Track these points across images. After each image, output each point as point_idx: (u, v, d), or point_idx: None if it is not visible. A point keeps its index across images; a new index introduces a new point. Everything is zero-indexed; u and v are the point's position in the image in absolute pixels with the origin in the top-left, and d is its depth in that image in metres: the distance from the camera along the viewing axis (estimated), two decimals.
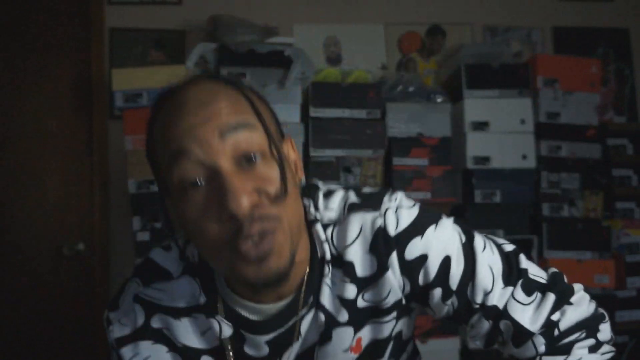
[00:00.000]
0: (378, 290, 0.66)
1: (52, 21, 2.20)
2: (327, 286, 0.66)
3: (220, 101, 0.57)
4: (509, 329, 0.66)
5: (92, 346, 2.14)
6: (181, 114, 0.57)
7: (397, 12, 2.42)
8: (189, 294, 0.67)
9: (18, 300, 2.10)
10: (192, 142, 0.55)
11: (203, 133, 0.55)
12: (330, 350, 0.68)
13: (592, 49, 2.48)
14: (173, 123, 0.57)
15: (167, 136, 0.57)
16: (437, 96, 2.01)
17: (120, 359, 0.69)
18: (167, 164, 0.57)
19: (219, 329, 0.66)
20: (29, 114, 2.15)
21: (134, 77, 1.80)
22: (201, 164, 0.55)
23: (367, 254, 0.65)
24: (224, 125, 0.56)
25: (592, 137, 2.03)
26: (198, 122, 0.56)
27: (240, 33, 1.81)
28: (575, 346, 0.65)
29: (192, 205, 0.56)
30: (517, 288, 0.66)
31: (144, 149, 0.64)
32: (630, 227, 2.09)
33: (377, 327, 0.69)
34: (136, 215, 1.77)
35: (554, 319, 0.65)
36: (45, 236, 2.13)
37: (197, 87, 0.60)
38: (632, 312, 2.07)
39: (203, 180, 0.55)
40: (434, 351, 1.86)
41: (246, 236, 0.54)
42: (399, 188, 1.97)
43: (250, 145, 0.56)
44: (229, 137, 0.55)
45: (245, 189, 0.54)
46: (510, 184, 1.95)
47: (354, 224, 0.65)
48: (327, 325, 0.66)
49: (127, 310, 0.69)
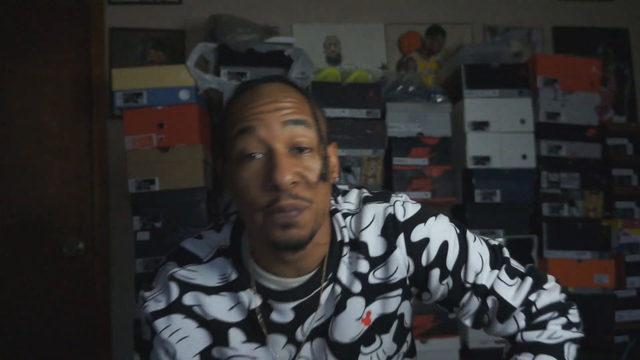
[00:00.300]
0: (387, 268, 0.78)
1: (52, 21, 2.20)
2: (344, 264, 0.78)
3: (288, 98, 0.71)
4: (495, 305, 0.80)
5: (92, 346, 2.15)
6: (255, 102, 0.70)
7: (397, 12, 2.42)
8: (220, 274, 0.78)
9: (18, 300, 2.09)
10: (259, 124, 0.68)
11: (270, 119, 0.69)
12: (344, 318, 0.78)
13: (592, 48, 2.49)
14: (247, 107, 0.70)
15: (240, 116, 0.70)
16: (437, 96, 2.01)
17: (153, 331, 0.77)
18: (234, 136, 0.70)
19: (249, 301, 0.77)
20: (29, 114, 2.15)
21: (134, 77, 1.80)
22: (261, 142, 0.68)
23: (379, 237, 0.78)
24: (287, 117, 0.69)
25: (592, 137, 2.03)
26: (267, 110, 0.69)
27: (240, 33, 1.81)
28: (549, 322, 0.79)
29: (246, 172, 0.69)
30: (502, 271, 0.81)
31: (144, 149, 0.75)
32: (630, 227, 2.09)
33: (385, 303, 0.80)
34: (136, 215, 1.77)
35: (531, 299, 0.80)
36: (45, 236, 2.13)
37: (272, 84, 0.74)
38: (632, 312, 2.07)
39: (260, 155, 0.68)
40: (434, 351, 1.87)
41: (280, 207, 0.67)
42: (399, 188, 1.99)
43: (302, 139, 0.69)
44: (288, 128, 0.69)
45: (290, 169, 0.67)
46: (510, 183, 1.95)
47: (368, 212, 0.79)
48: (342, 295, 0.78)
49: (162, 288, 0.78)
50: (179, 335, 0.76)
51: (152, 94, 1.78)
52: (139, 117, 1.78)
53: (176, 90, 1.79)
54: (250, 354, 0.78)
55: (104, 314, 2.16)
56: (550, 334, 0.78)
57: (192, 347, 0.77)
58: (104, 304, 2.16)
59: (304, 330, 0.79)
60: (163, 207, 1.77)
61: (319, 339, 0.80)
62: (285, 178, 0.65)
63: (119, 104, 1.78)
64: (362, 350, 0.81)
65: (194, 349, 0.77)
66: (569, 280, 1.95)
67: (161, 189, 1.77)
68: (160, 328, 0.76)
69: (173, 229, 1.77)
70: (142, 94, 1.79)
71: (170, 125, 1.78)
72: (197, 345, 0.77)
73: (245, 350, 0.78)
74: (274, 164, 0.66)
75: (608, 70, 2.48)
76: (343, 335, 0.79)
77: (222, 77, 1.82)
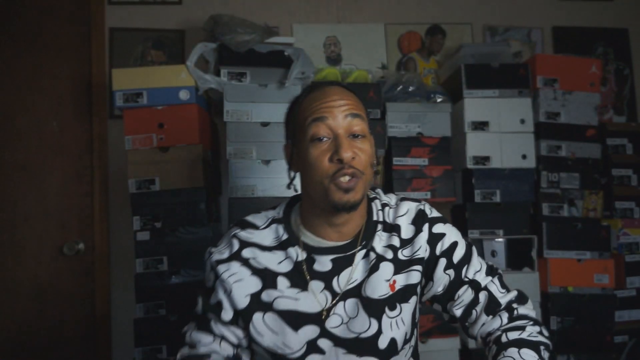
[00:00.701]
0: (413, 247, 1.01)
1: (52, 21, 2.20)
2: (379, 237, 1.01)
3: (350, 98, 0.97)
4: (485, 299, 1.01)
5: (92, 346, 2.15)
6: (326, 98, 0.95)
7: (397, 12, 2.42)
8: (274, 236, 1.02)
9: (18, 299, 2.10)
10: (329, 115, 0.93)
11: (337, 112, 0.94)
12: (376, 278, 0.99)
13: (591, 48, 2.49)
14: (319, 101, 0.95)
15: (313, 108, 0.95)
16: (437, 96, 2.01)
17: (216, 274, 0.99)
18: (308, 124, 0.94)
19: (296, 254, 0.99)
20: (29, 113, 2.15)
21: (134, 77, 1.79)
22: (329, 128, 0.93)
23: (410, 224, 1.03)
24: (349, 112, 0.94)
25: (591, 137, 2.03)
26: (335, 105, 0.94)
27: (240, 33, 1.81)
28: (527, 326, 0.98)
29: (317, 149, 0.93)
30: (495, 279, 1.04)
31: (144, 149, 0.87)
32: (630, 227, 2.09)
33: (408, 275, 1.00)
34: (136, 215, 1.77)
35: (514, 306, 1.01)
36: (45, 236, 2.13)
37: (337, 87, 0.99)
38: (632, 311, 2.07)
39: (326, 138, 0.93)
40: (434, 351, 1.87)
41: (343, 173, 0.91)
42: (399, 188, 1.99)
43: (357, 128, 0.94)
44: (349, 120, 0.94)
45: (350, 148, 0.92)
46: (510, 183, 1.95)
47: (404, 206, 1.05)
48: (376, 260, 1.00)
49: (226, 244, 1.02)
50: (236, 277, 0.98)
51: (152, 94, 1.79)
52: (139, 117, 1.79)
53: (176, 90, 1.79)
54: (294, 296, 0.98)
55: (104, 314, 2.16)
56: (528, 334, 0.97)
57: (245, 288, 0.98)
58: (104, 304, 2.16)
59: (339, 281, 0.99)
60: (163, 207, 1.77)
61: (352, 299, 0.98)
62: (347, 154, 0.91)
63: (119, 104, 1.78)
64: (387, 312, 0.98)
65: (247, 291, 0.98)
66: (569, 280, 1.95)
67: (161, 189, 1.77)
68: (222, 271, 0.98)
69: (173, 229, 1.77)
70: (142, 94, 1.79)
71: (170, 125, 1.78)
72: (249, 288, 0.98)
73: (290, 293, 0.98)
74: (339, 144, 0.91)
75: (608, 70, 2.49)
76: (373, 292, 0.98)
77: (222, 77, 1.82)
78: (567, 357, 1.94)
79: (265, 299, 0.98)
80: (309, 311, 0.98)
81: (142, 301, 1.75)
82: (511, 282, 1.88)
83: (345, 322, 0.98)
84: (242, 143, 1.81)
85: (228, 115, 1.81)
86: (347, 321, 0.98)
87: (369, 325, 0.98)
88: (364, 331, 0.98)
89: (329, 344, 0.97)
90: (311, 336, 0.97)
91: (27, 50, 2.17)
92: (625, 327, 2.06)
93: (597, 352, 1.94)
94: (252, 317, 0.98)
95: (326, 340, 0.97)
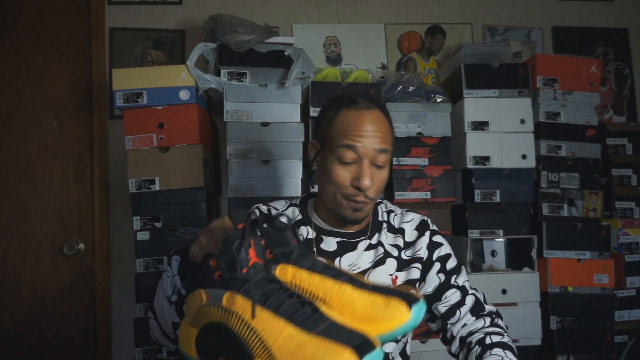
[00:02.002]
0: (414, 248, 1.13)
1: (52, 21, 2.20)
2: (385, 235, 1.13)
3: (382, 130, 1.03)
4: (472, 302, 1.10)
5: (92, 346, 2.15)
6: (361, 126, 1.02)
7: (397, 12, 2.42)
8: (291, 216, 1.13)
9: (18, 299, 2.10)
10: (360, 146, 1.01)
11: (367, 143, 1.01)
12: (381, 271, 1.09)
13: (591, 48, 2.49)
14: (354, 128, 1.02)
15: (348, 132, 1.02)
16: (437, 96, 2.01)
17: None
18: (340, 146, 1.02)
19: (307, 232, 1.12)
20: (29, 114, 2.16)
21: (134, 77, 1.79)
22: (357, 155, 1.02)
23: (414, 230, 1.15)
24: (378, 146, 1.02)
25: (591, 136, 2.03)
26: (367, 136, 1.02)
27: (240, 33, 1.81)
28: (505, 335, 1.06)
29: (342, 170, 1.03)
30: (480, 293, 1.14)
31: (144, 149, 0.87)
32: (630, 227, 2.09)
33: (409, 272, 1.11)
34: (136, 215, 1.77)
35: (493, 316, 1.10)
36: (45, 236, 2.13)
37: (374, 113, 1.05)
38: (632, 311, 2.07)
39: (353, 162, 1.02)
40: (434, 351, 1.87)
41: (356, 200, 1.03)
42: (399, 188, 1.99)
43: (381, 160, 1.03)
44: (376, 153, 1.02)
45: (370, 177, 1.02)
46: (510, 183, 1.95)
47: (409, 215, 1.17)
48: (384, 255, 1.10)
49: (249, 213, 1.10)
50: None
51: (152, 94, 1.78)
52: (139, 117, 1.78)
53: (176, 90, 1.79)
54: None
55: (104, 314, 2.16)
56: (508, 341, 1.05)
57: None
58: (104, 304, 2.16)
59: (341, 263, 1.09)
60: (163, 207, 1.77)
61: None
62: (367, 183, 1.01)
63: (119, 104, 1.78)
64: None
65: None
66: (569, 280, 1.95)
67: (161, 189, 1.77)
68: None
69: (173, 229, 1.77)
70: (142, 94, 1.78)
71: (170, 125, 1.78)
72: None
73: None
74: (363, 172, 1.01)
75: (607, 70, 2.49)
76: (377, 281, 1.03)
77: (222, 77, 1.82)
78: (567, 357, 1.95)
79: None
80: None
81: (142, 301, 1.75)
82: (511, 282, 1.90)
83: None
84: (242, 143, 1.81)
85: (228, 115, 1.81)
86: None
87: None
88: None
89: None
90: None
91: (27, 50, 2.17)
92: (625, 327, 2.06)
93: (597, 352, 1.94)
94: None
95: None
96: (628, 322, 2.07)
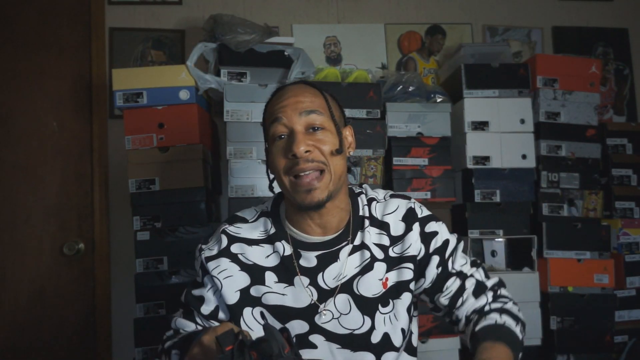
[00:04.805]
0: (403, 245, 1.04)
1: (52, 21, 2.20)
2: (369, 233, 1.03)
3: (305, 95, 0.98)
4: (472, 284, 1.06)
5: (92, 346, 2.15)
6: (282, 99, 0.98)
7: (397, 12, 2.42)
8: (262, 229, 1.05)
9: (18, 299, 2.10)
10: (284, 115, 0.96)
11: (290, 111, 0.96)
12: (369, 277, 1.01)
13: (591, 48, 2.49)
14: (277, 103, 0.99)
15: (272, 110, 0.99)
16: (437, 96, 2.01)
17: (206, 270, 1.02)
18: (269, 125, 0.98)
19: (283, 249, 1.02)
20: (29, 114, 2.15)
21: (134, 77, 1.79)
22: (286, 126, 0.96)
23: (399, 221, 1.05)
24: (302, 109, 0.96)
25: (591, 136, 2.03)
26: (289, 103, 0.97)
27: (240, 33, 1.81)
28: (508, 302, 1.05)
29: (276, 148, 0.97)
30: (479, 269, 1.10)
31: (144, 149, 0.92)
32: (630, 227, 2.09)
33: (400, 272, 1.03)
34: (136, 215, 1.77)
35: (496, 288, 1.08)
36: (45, 236, 2.13)
37: (295, 85, 1.02)
38: (632, 311, 2.07)
39: (285, 136, 0.96)
40: (434, 351, 1.87)
41: (299, 169, 0.94)
42: (399, 188, 1.99)
43: (314, 122, 0.96)
44: (304, 115, 0.96)
45: (304, 142, 0.94)
46: (510, 183, 1.95)
47: (393, 203, 1.07)
48: (370, 259, 1.02)
49: (215, 240, 1.05)
50: (225, 274, 1.01)
51: (152, 94, 1.78)
52: (139, 117, 1.78)
53: (176, 90, 1.79)
54: (281, 291, 1.01)
55: (104, 314, 2.16)
56: (509, 307, 1.03)
57: (234, 284, 1.01)
58: (104, 304, 2.16)
59: (324, 277, 1.01)
60: (163, 207, 1.77)
61: (343, 295, 1.01)
62: (300, 148, 0.93)
63: (119, 104, 1.78)
64: (380, 309, 1.02)
65: (236, 286, 1.01)
66: (569, 280, 1.95)
67: (161, 189, 1.77)
68: (212, 268, 1.01)
69: (173, 229, 1.77)
70: (142, 94, 1.79)
71: (170, 125, 1.78)
72: (239, 283, 1.01)
73: (277, 288, 1.01)
74: (292, 139, 0.94)
75: (607, 70, 2.49)
76: (367, 290, 1.01)
77: (222, 77, 1.82)
78: (567, 357, 1.94)
79: (254, 294, 1.01)
80: (296, 306, 1.00)
81: (142, 301, 1.75)
82: (511, 282, 1.89)
83: (336, 318, 1.00)
84: (242, 143, 1.81)
85: (228, 115, 1.81)
86: (339, 317, 1.01)
87: (362, 322, 1.01)
88: (357, 328, 1.01)
89: (321, 339, 1.00)
90: (300, 331, 1.00)
91: (27, 50, 2.17)
92: (625, 327, 2.06)
93: (597, 352, 1.94)
94: (243, 311, 1.01)
95: (318, 336, 1.00)
96: (628, 322, 2.06)
